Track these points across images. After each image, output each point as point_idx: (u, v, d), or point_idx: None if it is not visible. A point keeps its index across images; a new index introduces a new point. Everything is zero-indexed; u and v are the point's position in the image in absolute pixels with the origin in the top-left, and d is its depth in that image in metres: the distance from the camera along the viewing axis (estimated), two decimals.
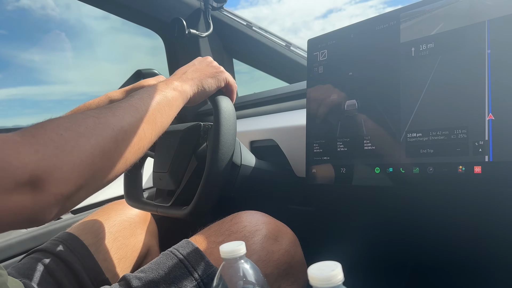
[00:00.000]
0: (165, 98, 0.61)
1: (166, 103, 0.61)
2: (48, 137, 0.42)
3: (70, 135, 0.44)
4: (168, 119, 0.61)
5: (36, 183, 0.39)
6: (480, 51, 0.58)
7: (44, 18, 1.75)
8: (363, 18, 0.76)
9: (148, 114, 0.56)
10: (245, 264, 0.48)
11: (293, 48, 1.70)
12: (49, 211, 0.41)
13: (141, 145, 0.54)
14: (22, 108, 1.80)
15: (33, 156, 0.40)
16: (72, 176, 0.42)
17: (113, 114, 0.50)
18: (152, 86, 0.63)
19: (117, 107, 0.53)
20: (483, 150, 0.56)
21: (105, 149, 0.47)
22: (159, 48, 1.58)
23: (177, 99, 0.64)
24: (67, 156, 0.42)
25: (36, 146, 0.41)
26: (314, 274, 0.36)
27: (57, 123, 0.45)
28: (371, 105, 0.70)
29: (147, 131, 0.55)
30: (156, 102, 0.58)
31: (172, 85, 0.65)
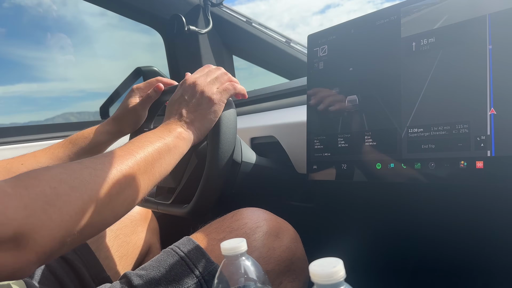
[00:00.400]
0: (166, 146, 0.59)
1: (167, 152, 0.59)
2: (40, 190, 0.41)
3: (63, 189, 0.42)
4: (169, 167, 0.60)
5: (20, 241, 0.38)
6: (481, 45, 0.57)
7: (41, 15, 1.74)
8: (361, 13, 0.75)
9: (147, 164, 0.54)
10: (246, 261, 0.48)
11: (293, 44, 1.69)
12: (29, 269, 0.40)
13: (135, 196, 0.52)
14: (20, 106, 1.80)
15: (22, 212, 0.38)
16: (58, 233, 0.41)
17: (111, 165, 0.49)
18: (154, 133, 0.61)
19: (115, 156, 0.51)
20: (485, 145, 0.56)
21: (97, 203, 0.45)
22: (158, 45, 1.58)
23: (181, 147, 0.62)
24: (56, 213, 0.41)
25: (26, 200, 0.39)
26: (316, 271, 0.35)
27: (52, 174, 0.44)
28: (372, 100, 0.70)
29: (143, 182, 0.53)
30: (157, 151, 0.57)
31: (175, 132, 0.63)
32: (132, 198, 0.52)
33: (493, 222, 0.65)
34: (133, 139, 0.58)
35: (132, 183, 0.51)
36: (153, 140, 0.58)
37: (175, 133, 0.63)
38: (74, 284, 0.75)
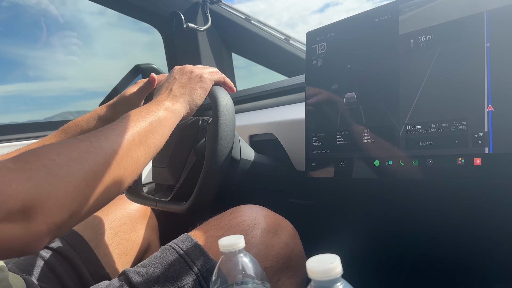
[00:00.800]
0: (157, 119, 0.61)
1: (158, 124, 0.60)
2: (41, 163, 0.41)
3: (63, 160, 0.43)
4: (162, 139, 0.61)
5: (29, 212, 0.38)
6: (479, 42, 0.57)
7: (39, 14, 1.74)
8: (360, 12, 0.75)
9: (141, 136, 0.55)
10: (244, 257, 0.48)
11: (292, 41, 1.69)
12: (41, 241, 0.40)
13: (135, 167, 0.53)
14: (19, 105, 1.79)
15: (26, 184, 0.39)
16: (66, 203, 0.41)
17: (106, 137, 0.50)
18: (144, 107, 0.63)
19: (109, 130, 0.52)
20: (483, 142, 0.56)
21: (98, 174, 0.46)
22: (157, 43, 1.57)
23: (170, 119, 0.64)
24: (61, 183, 0.41)
25: (29, 172, 0.40)
26: (313, 267, 0.36)
27: (49, 149, 0.44)
28: (370, 97, 0.70)
29: (140, 153, 0.54)
30: (149, 123, 0.58)
31: (164, 106, 0.65)
32: (132, 168, 0.52)
33: (491, 218, 0.65)
34: (124, 115, 0.59)
35: (129, 154, 0.52)
36: (144, 113, 0.60)
37: (163, 106, 0.64)
38: (73, 281, 0.76)
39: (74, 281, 0.76)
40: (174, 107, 0.66)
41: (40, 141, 0.83)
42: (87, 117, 0.87)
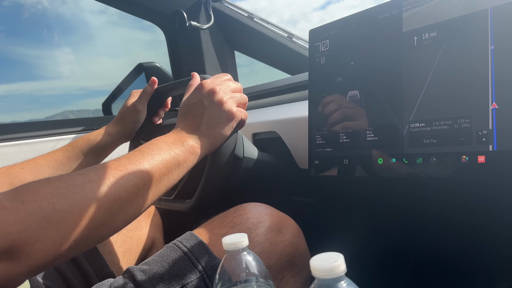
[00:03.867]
0: (176, 160, 0.56)
1: (176, 166, 0.56)
2: (38, 206, 0.40)
3: (61, 205, 0.41)
4: (174, 182, 0.57)
5: (13, 253, 0.38)
6: (483, 39, 0.57)
7: (41, 13, 1.74)
8: (361, 9, 0.75)
9: (153, 179, 0.52)
10: (248, 256, 0.48)
11: (295, 39, 1.69)
12: (20, 280, 0.40)
13: (137, 213, 0.51)
14: (22, 104, 1.80)
15: (17, 226, 0.38)
16: (53, 248, 0.40)
17: (115, 179, 0.47)
18: (167, 141, 0.58)
19: (121, 169, 0.49)
20: (487, 139, 0.55)
21: (95, 221, 0.44)
22: (159, 42, 1.58)
23: (190, 161, 0.60)
24: (52, 229, 0.40)
25: (23, 214, 0.39)
26: (316, 265, 0.36)
27: (51, 188, 0.43)
28: (374, 95, 0.70)
29: (147, 198, 0.52)
30: (165, 165, 0.54)
31: (187, 145, 0.60)
32: (133, 214, 0.50)
33: (495, 216, 0.65)
34: (143, 146, 0.56)
35: (135, 200, 0.50)
36: (163, 151, 0.56)
37: (187, 146, 0.60)
38: (77, 279, 0.76)
39: (78, 279, 0.76)
40: (197, 149, 0.61)
41: (47, 154, 0.83)
42: (97, 132, 0.87)
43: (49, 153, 0.84)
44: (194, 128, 0.63)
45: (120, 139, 0.90)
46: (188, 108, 0.67)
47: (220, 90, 0.67)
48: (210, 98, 0.65)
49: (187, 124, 0.64)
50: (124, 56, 2.22)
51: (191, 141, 0.61)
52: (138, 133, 0.95)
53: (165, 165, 0.54)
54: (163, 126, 0.93)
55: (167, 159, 0.55)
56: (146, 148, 0.56)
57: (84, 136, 0.86)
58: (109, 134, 0.87)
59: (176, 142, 0.59)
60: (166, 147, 0.57)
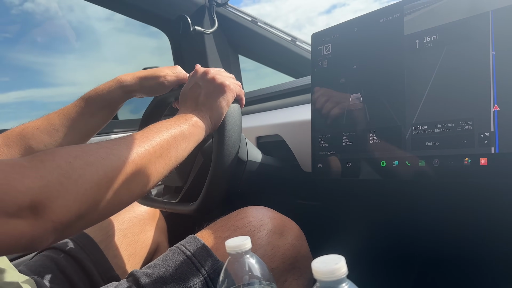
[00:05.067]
0: (181, 133, 0.60)
1: (183, 138, 0.60)
2: (56, 164, 0.42)
3: (78, 164, 0.43)
4: (184, 153, 0.60)
5: (37, 209, 0.39)
6: (484, 42, 0.57)
7: (47, 21, 1.76)
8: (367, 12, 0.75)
9: (162, 148, 0.55)
10: (251, 259, 0.49)
11: (299, 42, 1.69)
12: (46, 238, 0.41)
13: (151, 179, 0.53)
14: (30, 111, 1.82)
15: (38, 182, 0.39)
16: (74, 205, 0.42)
17: (127, 146, 0.50)
18: (170, 120, 0.62)
19: (132, 139, 0.52)
20: (489, 142, 0.55)
21: (112, 181, 0.46)
22: (164, 48, 1.59)
23: (196, 135, 0.63)
24: (72, 185, 0.42)
25: (42, 171, 0.40)
26: (318, 268, 0.36)
27: (67, 150, 0.45)
28: (376, 98, 0.70)
29: (159, 165, 0.54)
30: (173, 136, 0.58)
31: (191, 120, 0.64)
32: (148, 179, 0.52)
33: (498, 218, 0.64)
34: (150, 126, 0.59)
35: (148, 165, 0.52)
36: (169, 126, 0.59)
37: (191, 121, 0.64)
38: (83, 282, 0.77)
39: (84, 283, 0.77)
40: (200, 123, 0.65)
41: (60, 110, 0.82)
42: (108, 85, 0.85)
43: (62, 110, 0.83)
44: (194, 107, 0.68)
45: (132, 94, 0.88)
46: (186, 94, 0.72)
47: (212, 70, 0.73)
48: (204, 78, 0.72)
49: (187, 106, 0.69)
50: (131, 62, 2.25)
51: (194, 117, 0.65)
52: None
53: (172, 137, 0.58)
54: None
55: (174, 132, 0.59)
56: (151, 126, 0.59)
57: (97, 90, 0.84)
58: (123, 87, 0.84)
59: (180, 118, 0.64)
60: (170, 123, 0.61)
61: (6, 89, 1.62)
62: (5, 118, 1.72)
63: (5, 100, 1.64)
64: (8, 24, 1.70)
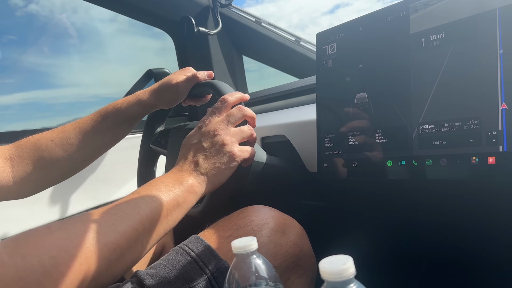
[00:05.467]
0: (175, 201, 0.57)
1: (176, 207, 0.57)
2: (38, 260, 0.40)
3: (62, 258, 0.41)
4: (174, 223, 0.58)
5: None
6: (491, 40, 0.57)
7: (52, 23, 1.76)
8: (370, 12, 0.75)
9: (153, 223, 0.52)
10: (257, 259, 0.48)
11: (303, 43, 1.69)
12: None
13: (136, 259, 0.51)
14: (35, 112, 1.82)
15: (15, 285, 0.38)
16: None
17: (115, 227, 0.48)
18: (164, 181, 0.58)
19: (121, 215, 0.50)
20: (497, 140, 0.55)
21: (94, 272, 0.44)
22: (168, 49, 1.59)
23: (190, 201, 0.60)
24: (51, 284, 0.40)
25: (21, 271, 0.38)
26: (326, 268, 0.36)
27: (53, 240, 0.43)
28: (382, 97, 0.70)
29: (146, 243, 0.52)
30: (165, 207, 0.55)
31: (186, 184, 0.60)
32: (132, 261, 0.51)
33: (507, 218, 0.64)
34: (142, 188, 0.56)
35: (134, 246, 0.50)
36: (162, 192, 0.56)
37: (186, 185, 0.60)
38: None
39: None
40: (197, 187, 0.61)
41: (76, 123, 0.81)
42: (127, 101, 0.83)
43: (78, 123, 0.81)
44: (193, 168, 0.64)
45: (151, 110, 0.87)
46: (188, 148, 0.67)
47: (221, 131, 0.67)
48: (210, 140, 0.66)
49: (186, 164, 0.65)
50: (135, 64, 2.26)
51: (190, 180, 0.61)
52: (149, 134, 0.96)
53: (164, 207, 0.55)
54: (173, 131, 0.93)
55: (167, 200, 0.56)
56: (145, 190, 0.56)
57: (114, 105, 0.82)
58: (141, 104, 0.83)
59: (175, 182, 0.60)
60: (165, 188, 0.57)
61: (10, 90, 1.63)
62: (10, 120, 1.72)
63: (9, 101, 1.64)
64: (12, 26, 1.71)
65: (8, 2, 1.74)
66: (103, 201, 1.27)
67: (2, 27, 1.57)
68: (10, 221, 1.08)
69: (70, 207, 1.20)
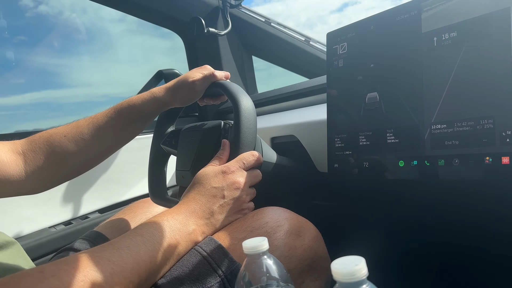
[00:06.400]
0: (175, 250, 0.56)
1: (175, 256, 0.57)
2: None
3: None
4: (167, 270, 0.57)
5: None
6: (505, 38, 0.56)
7: (62, 23, 1.78)
8: (379, 10, 0.74)
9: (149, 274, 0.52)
10: (268, 259, 0.48)
11: (313, 42, 1.69)
12: None
13: None
14: (46, 111, 1.84)
15: None
16: None
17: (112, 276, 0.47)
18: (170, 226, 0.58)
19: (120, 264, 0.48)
20: (511, 140, 0.54)
21: None
22: (177, 48, 1.60)
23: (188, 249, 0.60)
24: None
25: None
26: (338, 269, 0.35)
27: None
28: (393, 97, 0.69)
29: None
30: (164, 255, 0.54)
31: (193, 234, 0.60)
32: None
33: None
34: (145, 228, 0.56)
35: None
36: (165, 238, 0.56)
37: (192, 236, 0.60)
38: None
39: None
40: (201, 237, 0.62)
41: (90, 119, 0.80)
42: (142, 98, 0.81)
43: (92, 118, 0.80)
44: (206, 216, 0.64)
45: (166, 107, 0.86)
46: (207, 189, 0.67)
47: (244, 186, 0.69)
48: (232, 192, 0.67)
49: (201, 209, 0.64)
50: (144, 63, 2.27)
51: (197, 230, 0.62)
52: (160, 134, 0.96)
53: (164, 256, 0.54)
54: (184, 131, 0.94)
55: (167, 249, 0.55)
56: (148, 234, 0.55)
57: (129, 102, 0.81)
58: (156, 101, 0.81)
59: (182, 228, 0.60)
60: (169, 233, 0.57)
61: (21, 90, 1.65)
62: (21, 119, 1.74)
63: (21, 101, 1.66)
64: (23, 26, 1.73)
65: (19, 3, 1.76)
66: (114, 201, 1.28)
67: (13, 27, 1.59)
68: (23, 221, 1.09)
69: (81, 207, 1.21)
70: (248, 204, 0.70)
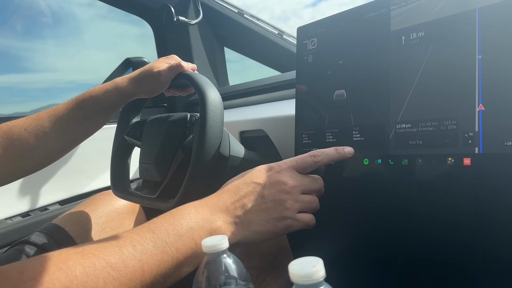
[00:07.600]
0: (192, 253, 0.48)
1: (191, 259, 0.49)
2: None
3: None
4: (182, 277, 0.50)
5: None
6: (470, 40, 0.56)
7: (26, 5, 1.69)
8: (351, 7, 0.74)
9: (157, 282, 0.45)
10: (228, 258, 0.47)
11: (286, 36, 1.68)
12: None
13: None
14: (8, 96, 1.76)
15: None
16: None
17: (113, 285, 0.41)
18: (190, 223, 0.49)
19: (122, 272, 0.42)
20: (473, 142, 0.55)
21: None
22: (148, 36, 1.55)
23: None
24: None
25: None
26: (295, 271, 0.35)
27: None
28: (360, 95, 0.69)
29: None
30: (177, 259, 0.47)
31: (215, 224, 0.51)
32: None
33: (480, 219, 0.64)
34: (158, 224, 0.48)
35: None
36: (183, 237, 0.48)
37: (215, 225, 0.52)
38: None
39: None
40: (230, 234, 0.53)
41: (51, 111, 0.76)
42: (104, 88, 0.77)
43: (53, 110, 0.76)
44: (236, 210, 0.54)
45: (130, 99, 0.82)
46: (247, 181, 0.56)
47: (293, 190, 0.56)
48: (275, 191, 0.55)
49: (233, 199, 0.55)
50: (113, 50, 2.20)
51: (221, 223, 0.52)
52: (124, 125, 0.93)
53: (177, 261, 0.47)
54: (148, 122, 0.91)
55: (182, 250, 0.48)
56: (161, 230, 0.47)
57: (91, 93, 0.76)
58: (120, 92, 0.78)
59: (204, 225, 0.51)
60: (188, 231, 0.49)
61: None
62: None
63: None
64: None
65: None
66: (75, 192, 1.24)
67: None
68: None
69: (40, 198, 1.16)
70: (293, 213, 0.56)
